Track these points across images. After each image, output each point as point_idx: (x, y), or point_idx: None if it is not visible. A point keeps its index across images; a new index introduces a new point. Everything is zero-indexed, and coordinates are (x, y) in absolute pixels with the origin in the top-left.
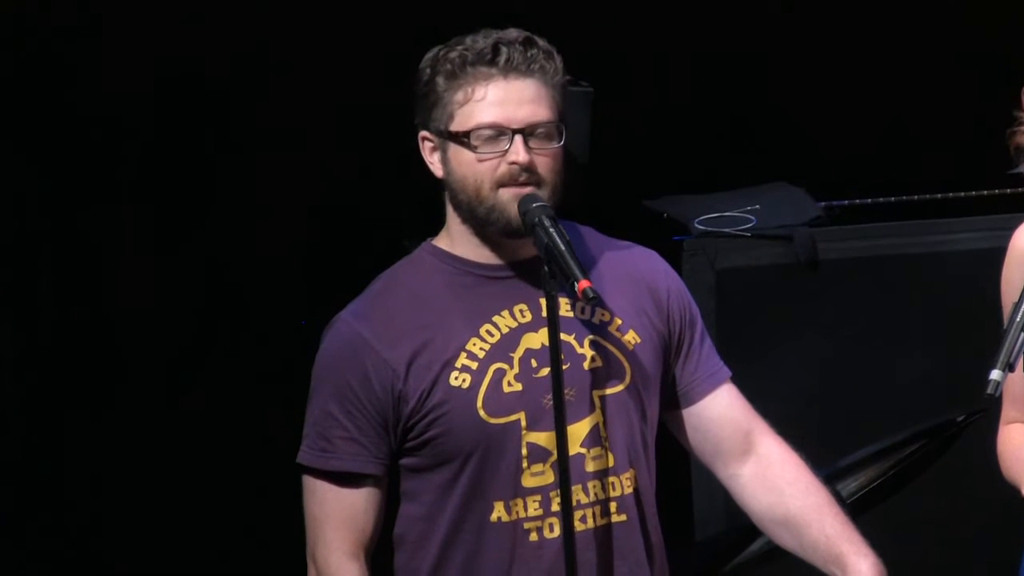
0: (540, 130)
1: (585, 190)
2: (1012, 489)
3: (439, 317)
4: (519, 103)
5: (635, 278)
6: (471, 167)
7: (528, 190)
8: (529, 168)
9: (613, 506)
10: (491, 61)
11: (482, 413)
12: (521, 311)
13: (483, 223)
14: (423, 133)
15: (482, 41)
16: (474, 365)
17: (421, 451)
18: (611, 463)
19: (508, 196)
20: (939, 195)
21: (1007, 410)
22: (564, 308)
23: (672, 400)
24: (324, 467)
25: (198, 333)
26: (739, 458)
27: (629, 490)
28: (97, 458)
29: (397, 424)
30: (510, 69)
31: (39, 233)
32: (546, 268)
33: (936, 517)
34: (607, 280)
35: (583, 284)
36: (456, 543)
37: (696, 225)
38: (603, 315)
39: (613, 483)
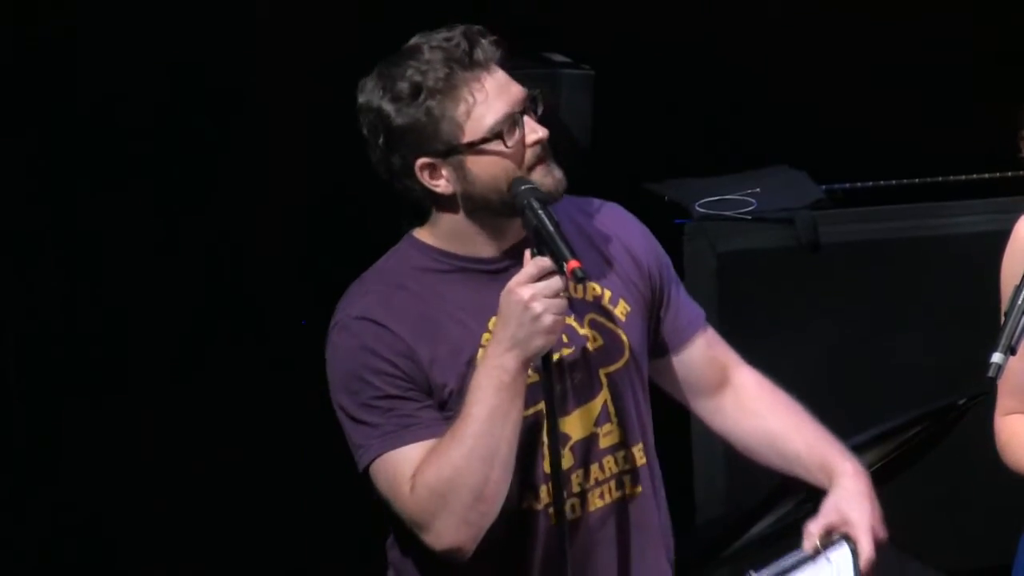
0: (530, 102)
1: (586, 173)
2: (1012, 472)
3: (448, 314)
4: (508, 85)
5: (614, 243)
6: (499, 164)
7: (550, 162)
8: (545, 139)
9: (627, 479)
10: (473, 60)
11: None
12: None
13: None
14: (422, 161)
15: (450, 45)
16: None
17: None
18: (621, 438)
19: (541, 174)
20: (940, 178)
21: (1004, 400)
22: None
23: (656, 350)
24: (405, 443)
25: (198, 325)
26: (718, 391)
27: (642, 462)
28: (97, 447)
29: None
30: (487, 60)
31: (40, 224)
32: (535, 249)
33: (937, 499)
34: (591, 252)
35: (572, 264)
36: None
37: (697, 208)
38: (594, 290)
39: (625, 456)
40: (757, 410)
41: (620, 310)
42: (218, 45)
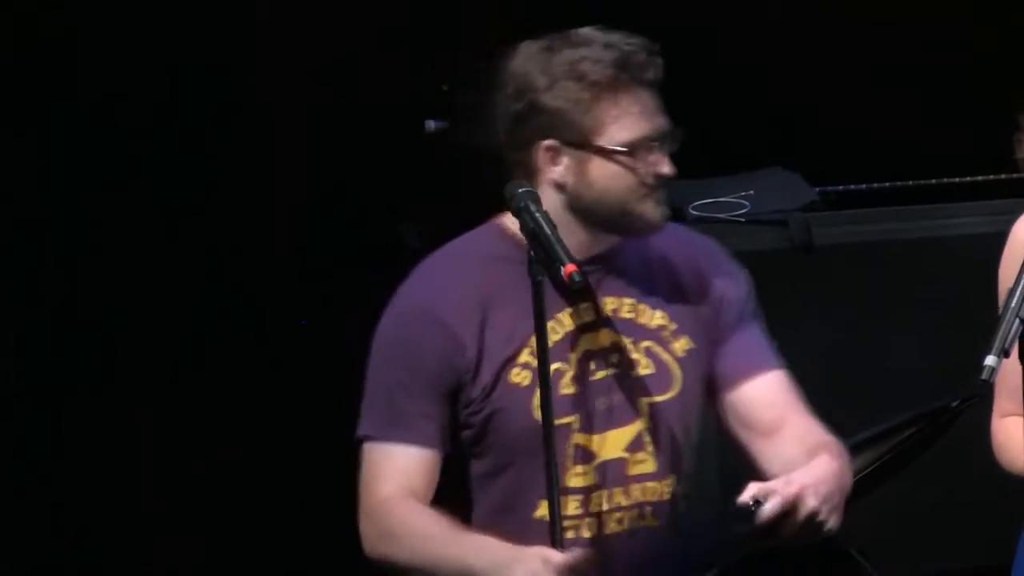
0: (669, 137)
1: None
2: (1008, 474)
3: (505, 305)
4: (659, 114)
5: (693, 277)
6: (618, 179)
7: (663, 196)
8: (669, 176)
9: (649, 510)
10: (643, 75)
11: (536, 414)
12: (581, 311)
13: (619, 228)
14: (549, 143)
15: (630, 51)
16: (535, 362)
17: (475, 432)
18: (653, 468)
19: (653, 204)
20: (935, 180)
21: (1002, 402)
22: (625, 310)
23: (711, 386)
24: (395, 439)
25: (198, 324)
26: (766, 438)
27: (667, 496)
28: (96, 448)
29: (459, 403)
30: (650, 80)
31: (41, 219)
32: (531, 253)
33: (933, 500)
34: (667, 282)
35: (569, 268)
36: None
37: (691, 211)
38: (660, 319)
39: (652, 488)
40: (793, 460)
41: (681, 345)
42: (218, 44)
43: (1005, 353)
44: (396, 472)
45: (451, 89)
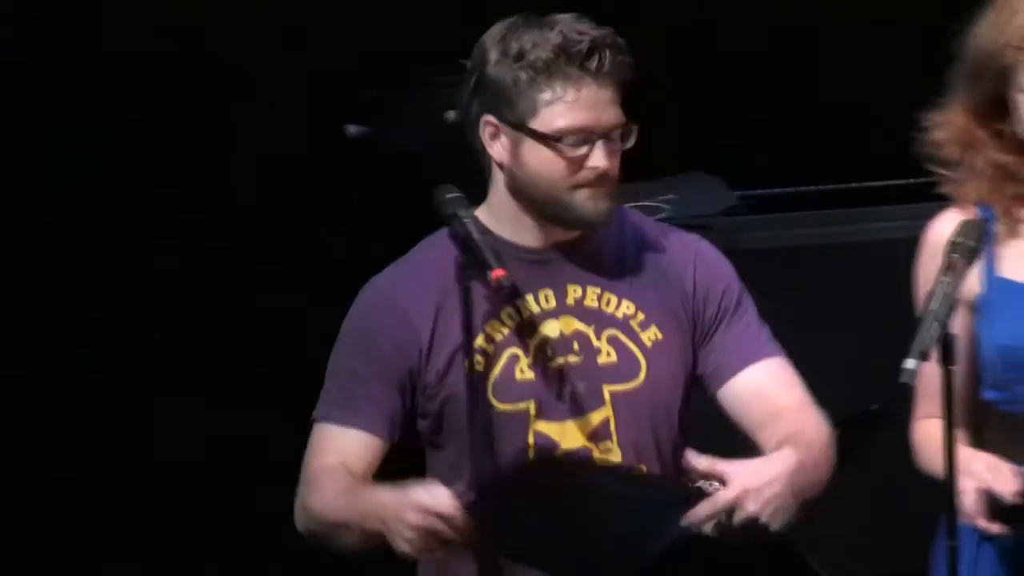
0: (617, 133)
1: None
2: (926, 481)
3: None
4: (605, 107)
5: (669, 270)
6: (548, 166)
7: (602, 191)
8: (607, 172)
9: None
10: (584, 63)
11: (492, 398)
12: (546, 297)
13: (552, 217)
14: (487, 118)
15: (574, 38)
16: (490, 348)
17: (432, 422)
18: (619, 458)
19: (584, 196)
20: (855, 184)
21: (922, 405)
22: (590, 298)
23: (704, 382)
24: (341, 421)
25: (185, 323)
26: (763, 428)
27: None
28: (93, 447)
29: (414, 391)
30: (600, 73)
31: (31, 222)
32: (463, 258)
33: (854, 503)
34: (640, 273)
35: (496, 273)
36: None
37: None
38: (627, 308)
39: None
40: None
41: (650, 334)
42: (206, 41)
43: (924, 356)
44: (336, 451)
45: (376, 93)
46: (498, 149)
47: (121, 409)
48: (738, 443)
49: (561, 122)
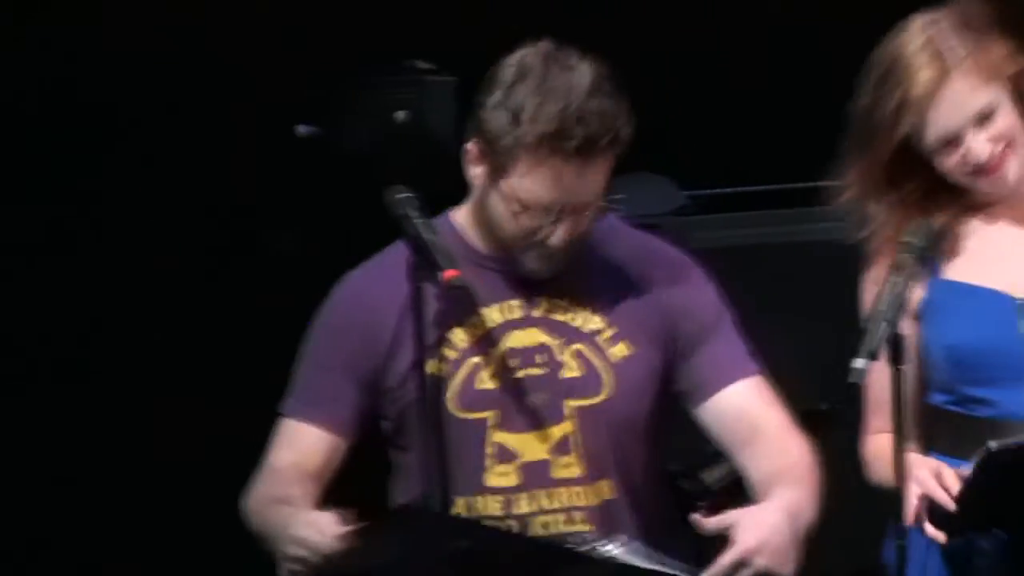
0: (587, 210)
1: (455, 181)
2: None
3: (429, 300)
4: (583, 188)
5: (649, 285)
6: (508, 222)
7: (554, 256)
8: (563, 245)
9: (579, 516)
10: (573, 153)
11: (450, 405)
12: (511, 307)
13: (504, 250)
14: (474, 144)
15: (570, 127)
16: (453, 355)
17: (393, 425)
18: (580, 472)
19: (534, 256)
20: (803, 184)
21: (872, 419)
22: (559, 311)
23: (681, 399)
24: (303, 417)
25: (185, 322)
26: (744, 449)
27: (597, 501)
28: (91, 448)
29: (378, 392)
30: (585, 151)
31: (30, 221)
32: (415, 259)
33: None
34: (614, 287)
35: (447, 274)
36: None
37: None
38: (593, 322)
39: (580, 493)
40: (768, 477)
41: (617, 350)
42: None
43: (873, 356)
44: (293, 447)
45: (327, 94)
46: (475, 174)
47: (121, 409)
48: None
49: (526, 194)
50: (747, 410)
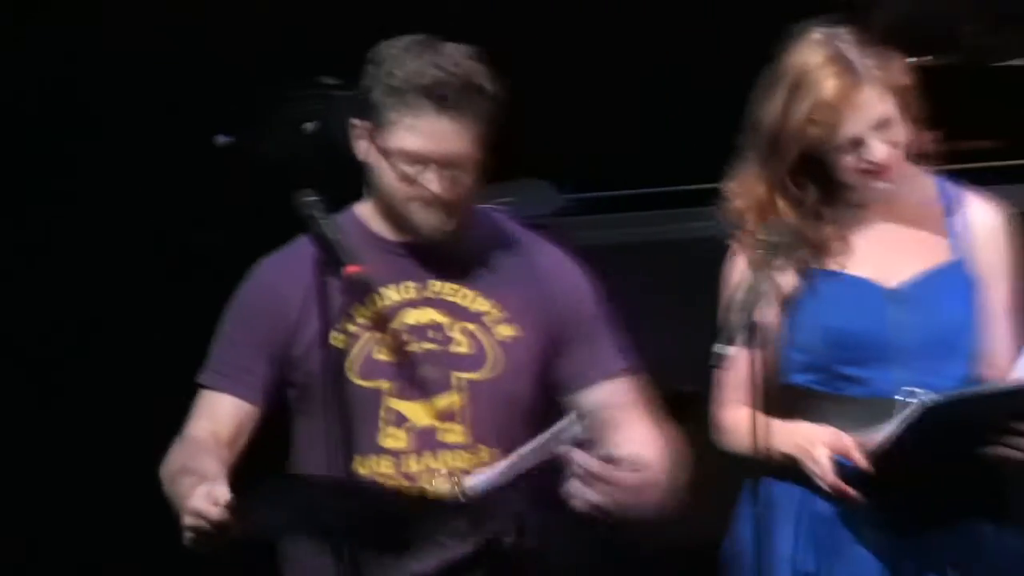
0: (460, 165)
1: (358, 187)
2: (724, 457)
3: (335, 279)
4: (450, 139)
5: (534, 276)
6: (391, 180)
7: (433, 209)
8: (439, 195)
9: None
10: (439, 100)
11: (350, 374)
12: (407, 288)
13: (398, 220)
14: (356, 121)
15: (440, 76)
16: (354, 329)
17: (298, 392)
18: (463, 439)
19: (416, 209)
20: (678, 187)
21: (727, 393)
22: (450, 293)
23: (556, 388)
24: (218, 388)
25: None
26: (603, 447)
27: (478, 465)
28: (81, 439)
29: (286, 363)
30: (454, 109)
31: (30, 221)
32: (321, 255)
33: None
34: (504, 274)
35: (349, 269)
36: None
37: None
38: (481, 304)
39: (465, 456)
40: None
41: (503, 331)
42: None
43: (731, 342)
44: (209, 416)
45: (242, 106)
46: (362, 148)
47: (121, 409)
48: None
49: (402, 144)
50: (613, 409)
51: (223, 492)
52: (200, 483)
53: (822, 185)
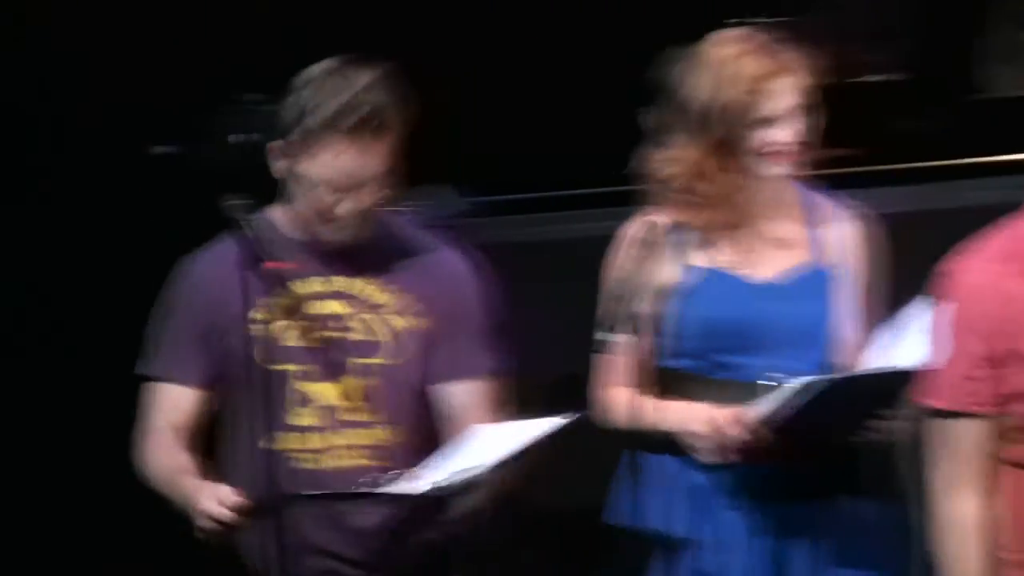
0: (369, 185)
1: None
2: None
3: (260, 276)
4: (359, 164)
5: (428, 273)
6: (304, 199)
7: (345, 227)
8: (350, 215)
9: (369, 453)
10: (351, 132)
11: (263, 359)
12: (314, 282)
13: (306, 224)
14: (272, 144)
15: (335, 102)
16: (268, 317)
17: (223, 376)
18: (365, 417)
19: (329, 229)
20: (564, 191)
21: (609, 376)
22: (354, 287)
23: (426, 379)
24: (163, 379)
25: (89, 336)
26: (446, 436)
27: (374, 442)
28: (81, 439)
29: (217, 348)
30: (359, 132)
31: (30, 220)
32: (243, 252)
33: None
34: (404, 272)
35: (267, 264)
36: (238, 463)
37: None
38: (379, 297)
39: (366, 434)
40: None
41: (401, 323)
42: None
43: (612, 329)
44: (160, 407)
45: (179, 118)
46: (278, 167)
47: (121, 408)
48: None
49: (317, 174)
50: (467, 409)
51: (226, 492)
52: (200, 482)
53: (731, 169)
